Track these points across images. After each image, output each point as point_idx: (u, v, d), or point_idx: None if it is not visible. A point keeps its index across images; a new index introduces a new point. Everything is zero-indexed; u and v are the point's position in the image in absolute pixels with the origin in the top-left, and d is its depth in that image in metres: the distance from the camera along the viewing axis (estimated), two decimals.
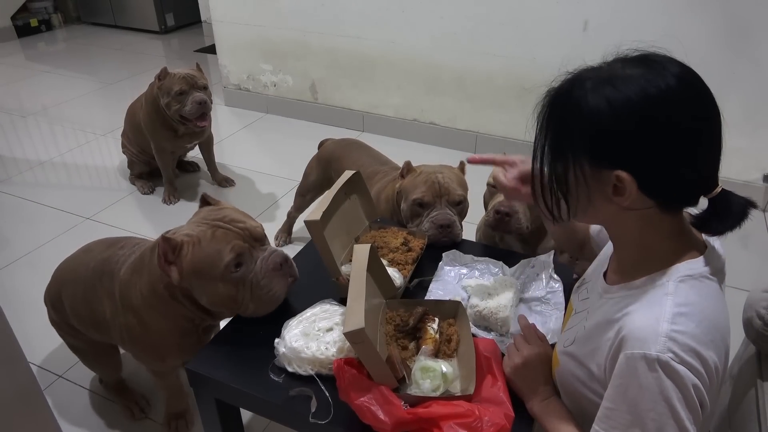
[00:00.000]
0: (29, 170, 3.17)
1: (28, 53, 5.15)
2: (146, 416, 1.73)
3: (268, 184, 3.03)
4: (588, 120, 0.78)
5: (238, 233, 1.21)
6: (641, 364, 0.77)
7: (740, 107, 2.60)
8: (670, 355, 0.75)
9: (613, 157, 0.78)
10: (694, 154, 0.77)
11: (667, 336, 0.76)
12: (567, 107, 0.82)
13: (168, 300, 1.28)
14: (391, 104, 3.39)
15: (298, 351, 1.10)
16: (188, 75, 2.55)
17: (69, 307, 1.54)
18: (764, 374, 1.21)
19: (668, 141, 0.75)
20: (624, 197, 0.80)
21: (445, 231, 1.56)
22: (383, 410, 0.95)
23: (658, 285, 0.83)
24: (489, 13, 2.90)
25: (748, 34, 2.46)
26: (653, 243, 0.85)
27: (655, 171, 0.77)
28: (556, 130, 0.85)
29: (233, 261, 1.17)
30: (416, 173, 1.69)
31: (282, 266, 1.22)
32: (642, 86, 0.75)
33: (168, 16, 5.55)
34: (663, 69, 0.77)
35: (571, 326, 1.00)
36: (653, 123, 0.75)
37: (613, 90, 0.77)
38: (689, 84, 0.77)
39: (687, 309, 0.79)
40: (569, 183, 0.84)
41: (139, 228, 2.63)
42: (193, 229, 1.21)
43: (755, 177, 2.72)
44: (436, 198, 1.61)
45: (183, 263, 1.18)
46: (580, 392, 0.93)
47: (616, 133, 0.77)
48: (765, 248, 2.49)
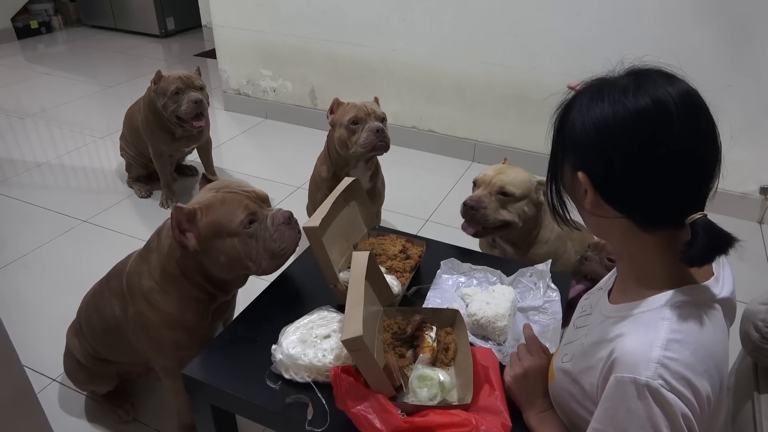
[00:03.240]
0: (27, 172, 3.16)
1: (28, 55, 5.15)
2: (134, 419, 1.72)
3: (267, 190, 2.96)
4: (568, 126, 0.84)
5: (247, 195, 1.31)
6: (630, 389, 0.76)
7: (737, 120, 2.61)
8: (660, 382, 0.74)
9: (576, 159, 0.83)
10: (652, 173, 0.76)
11: (658, 362, 0.75)
12: (562, 116, 0.87)
13: (179, 280, 1.32)
14: (390, 111, 3.38)
15: (295, 358, 1.10)
16: (184, 75, 2.55)
17: (85, 323, 1.57)
18: (761, 386, 1.21)
19: (623, 154, 0.77)
20: (588, 200, 0.83)
21: (380, 134, 2.00)
22: (380, 419, 0.95)
23: (656, 308, 0.82)
24: (488, 22, 2.91)
25: (745, 47, 2.48)
26: (650, 263, 0.84)
27: (608, 178, 0.80)
28: (555, 137, 0.90)
29: (247, 218, 1.26)
30: (344, 104, 2.08)
31: (290, 220, 1.31)
32: (614, 102, 0.78)
33: (168, 20, 5.56)
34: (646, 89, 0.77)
35: (570, 341, 0.99)
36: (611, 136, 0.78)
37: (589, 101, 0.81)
38: (666, 107, 0.76)
39: (682, 336, 0.77)
40: (565, 186, 0.89)
41: (136, 231, 2.62)
42: (201, 199, 1.30)
43: (752, 189, 2.73)
44: (366, 115, 2.03)
45: (200, 227, 1.25)
46: (572, 409, 0.93)
47: (580, 138, 0.81)
48: (762, 260, 2.50)
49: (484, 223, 1.65)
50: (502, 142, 3.22)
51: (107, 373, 1.66)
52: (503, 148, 3.20)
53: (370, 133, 1.99)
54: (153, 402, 1.80)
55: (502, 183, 1.65)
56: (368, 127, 2.00)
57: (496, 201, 1.65)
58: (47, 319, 2.09)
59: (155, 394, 1.82)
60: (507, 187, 1.64)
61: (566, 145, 0.85)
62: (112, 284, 1.47)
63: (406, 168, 3.19)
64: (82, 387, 1.73)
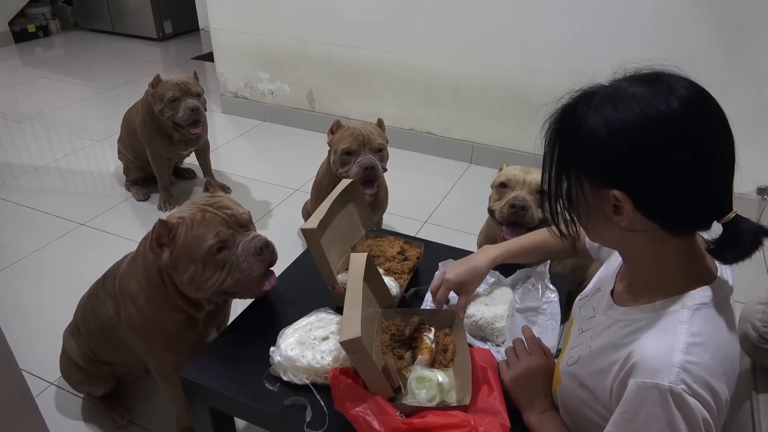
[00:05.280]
0: (24, 175, 3.15)
1: (25, 59, 5.14)
2: (129, 421, 1.72)
3: (264, 192, 3.02)
4: (587, 139, 0.78)
5: (224, 219, 1.27)
6: (652, 394, 0.75)
7: (734, 120, 2.60)
8: (683, 387, 0.74)
9: (610, 176, 0.78)
10: (694, 177, 0.75)
11: (681, 367, 0.74)
12: (570, 125, 0.81)
13: (161, 286, 1.31)
14: (388, 114, 3.40)
15: (293, 360, 1.09)
16: (182, 82, 2.55)
17: (81, 324, 1.57)
18: (759, 386, 1.21)
19: (664, 164, 0.74)
20: (622, 217, 0.79)
21: (369, 172, 1.95)
22: (378, 420, 0.95)
23: (672, 312, 0.81)
24: (486, 24, 2.92)
25: (742, 47, 2.49)
26: (667, 266, 0.83)
27: (652, 192, 0.76)
28: (560, 147, 0.84)
29: (215, 245, 1.23)
30: (343, 129, 2.02)
31: (262, 250, 1.27)
32: (642, 108, 0.74)
33: (166, 23, 5.56)
34: (669, 90, 0.75)
35: (576, 344, 0.98)
36: (648, 146, 0.74)
37: (613, 110, 0.76)
38: (694, 107, 0.75)
39: (701, 339, 0.77)
40: (572, 200, 0.84)
41: (134, 234, 2.61)
42: (185, 211, 1.28)
43: (749, 189, 2.73)
44: (360, 147, 1.97)
45: (176, 244, 1.23)
46: (581, 412, 0.92)
47: (612, 154, 0.76)
48: (759, 261, 2.50)
49: (530, 224, 1.60)
50: (500, 143, 3.22)
51: (103, 375, 1.65)
52: (501, 149, 3.21)
53: (360, 170, 1.95)
54: (151, 404, 1.79)
55: (537, 181, 1.61)
56: (359, 162, 1.96)
57: (536, 200, 1.62)
58: (45, 322, 2.08)
59: (153, 397, 1.81)
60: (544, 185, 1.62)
61: (584, 158, 0.80)
62: (107, 285, 1.47)
63: (404, 170, 3.19)
64: (77, 388, 1.72)
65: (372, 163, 1.96)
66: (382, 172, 2.01)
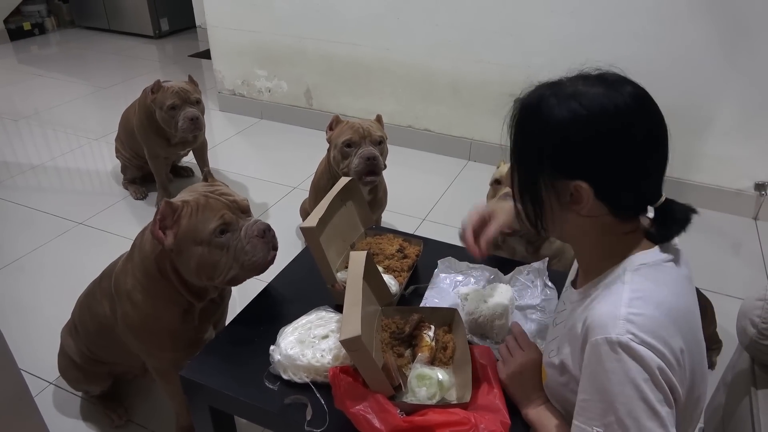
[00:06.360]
0: (21, 174, 3.14)
1: (21, 57, 5.12)
2: (129, 420, 1.72)
3: (262, 190, 3.02)
4: (552, 132, 0.84)
5: (226, 204, 1.28)
6: (604, 349, 0.79)
7: (732, 116, 2.62)
8: (630, 336, 0.78)
9: (574, 167, 0.84)
10: (646, 166, 0.84)
11: (625, 319, 0.79)
12: (533, 119, 0.88)
13: (158, 279, 1.32)
14: (386, 111, 3.39)
15: (293, 358, 1.09)
16: (181, 89, 2.54)
17: (79, 323, 1.57)
18: (758, 382, 1.22)
19: (625, 153, 0.82)
20: (581, 205, 0.85)
21: (371, 163, 1.96)
22: (379, 418, 0.95)
23: (616, 276, 0.87)
24: (484, 21, 2.92)
25: (739, 44, 2.49)
26: (612, 243, 0.90)
27: (612, 180, 0.83)
28: (524, 140, 0.91)
29: (219, 227, 1.24)
30: (343, 123, 2.04)
31: (265, 233, 1.28)
32: (602, 103, 0.81)
33: (162, 20, 5.54)
34: (620, 87, 0.83)
35: (553, 337, 1.02)
36: (612, 136, 0.81)
37: (578, 105, 0.82)
38: (643, 103, 0.83)
39: (643, 294, 0.82)
40: (539, 192, 0.89)
41: (131, 233, 2.57)
42: (187, 196, 1.29)
43: (747, 185, 2.74)
44: (361, 138, 1.99)
45: (180, 226, 1.24)
46: (567, 398, 0.94)
47: (577, 145, 0.83)
48: (757, 256, 2.51)
49: (522, 235, 1.65)
50: (498, 140, 3.21)
51: (101, 373, 1.65)
52: (499, 146, 3.20)
53: (361, 161, 1.96)
54: (150, 403, 1.79)
55: None
56: (360, 153, 1.97)
57: None
58: (43, 321, 2.08)
59: (152, 396, 1.81)
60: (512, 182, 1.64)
61: (548, 151, 0.85)
62: (104, 285, 1.47)
63: (402, 167, 3.19)
64: (75, 386, 1.72)
65: (373, 153, 1.97)
66: (382, 164, 2.02)
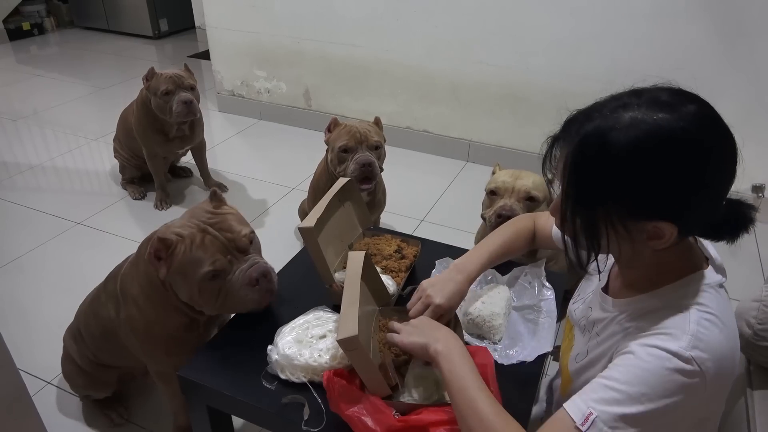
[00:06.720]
0: (20, 174, 3.14)
1: (20, 57, 5.12)
2: (127, 420, 1.72)
3: (261, 191, 3.02)
4: (626, 176, 0.75)
5: (223, 244, 1.24)
6: (663, 355, 0.76)
7: (729, 118, 2.61)
8: (694, 353, 0.75)
9: (654, 209, 0.77)
10: (725, 194, 0.82)
11: (694, 335, 0.76)
12: (598, 159, 0.77)
13: (162, 290, 1.31)
14: (385, 112, 3.39)
15: (291, 358, 1.10)
16: (175, 75, 2.55)
17: (84, 328, 1.56)
18: (753, 383, 1.22)
19: (710, 189, 0.79)
20: (662, 241, 0.80)
21: (367, 169, 1.94)
22: (374, 419, 0.95)
23: (678, 295, 0.83)
24: (483, 22, 2.92)
25: (738, 44, 2.50)
26: (668, 260, 0.86)
27: (695, 217, 0.80)
28: (585, 180, 0.79)
29: (210, 273, 1.21)
30: (341, 126, 2.02)
31: (258, 281, 1.24)
32: (681, 138, 0.75)
33: (162, 21, 5.54)
34: (688, 112, 0.76)
35: (581, 343, 1.01)
36: (694, 173, 0.76)
37: (653, 145, 0.74)
38: (715, 127, 0.79)
39: (711, 317, 0.79)
40: (599, 231, 0.81)
41: (130, 233, 2.61)
42: (185, 227, 1.25)
43: (744, 187, 2.75)
44: (357, 144, 1.97)
45: (173, 262, 1.23)
46: None
47: (657, 188, 0.75)
48: (754, 258, 2.52)
49: None
50: (497, 142, 3.23)
51: (107, 379, 1.65)
52: (498, 147, 3.21)
53: (357, 166, 1.94)
54: (149, 403, 1.79)
55: (527, 188, 1.64)
56: (356, 159, 1.96)
57: (524, 207, 1.64)
58: (42, 321, 2.08)
59: (151, 396, 1.81)
60: (532, 192, 1.63)
61: (622, 197, 0.77)
62: (109, 287, 1.47)
63: (401, 168, 3.19)
64: (79, 391, 1.72)
65: (369, 159, 1.96)
66: (379, 169, 2.01)
